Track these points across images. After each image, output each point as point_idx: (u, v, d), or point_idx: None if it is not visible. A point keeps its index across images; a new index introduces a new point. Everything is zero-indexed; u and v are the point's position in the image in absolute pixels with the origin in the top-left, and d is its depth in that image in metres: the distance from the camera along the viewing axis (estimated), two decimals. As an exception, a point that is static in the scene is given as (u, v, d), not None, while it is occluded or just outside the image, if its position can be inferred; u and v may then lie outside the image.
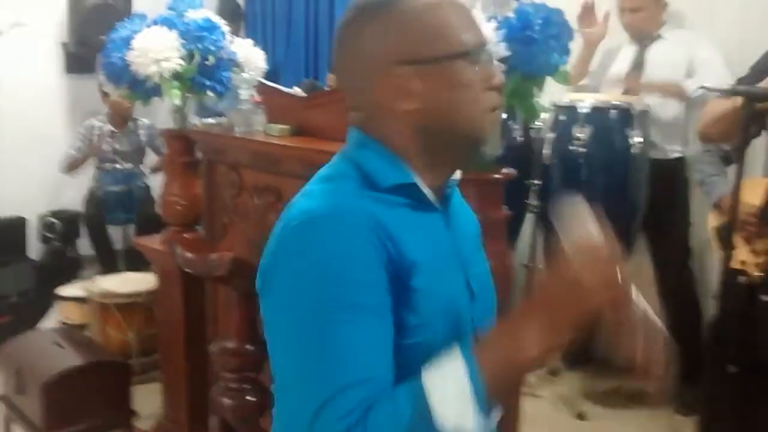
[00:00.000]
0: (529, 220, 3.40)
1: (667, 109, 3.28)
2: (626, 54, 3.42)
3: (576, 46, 1.72)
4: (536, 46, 1.62)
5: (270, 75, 2.87)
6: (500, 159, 1.90)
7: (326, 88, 4.35)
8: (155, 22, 2.45)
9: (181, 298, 2.65)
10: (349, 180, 0.98)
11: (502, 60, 1.61)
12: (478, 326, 1.05)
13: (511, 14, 1.65)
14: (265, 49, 2.83)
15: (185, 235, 2.69)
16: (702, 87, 2.15)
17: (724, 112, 2.34)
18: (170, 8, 2.53)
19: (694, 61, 3.21)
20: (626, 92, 3.34)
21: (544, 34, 1.61)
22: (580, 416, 3.21)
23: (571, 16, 2.38)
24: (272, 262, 0.95)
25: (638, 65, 3.37)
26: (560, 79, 1.73)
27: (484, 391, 0.84)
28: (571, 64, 1.90)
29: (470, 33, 1.00)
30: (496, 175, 1.88)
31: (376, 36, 0.99)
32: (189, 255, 2.24)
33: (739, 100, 2.13)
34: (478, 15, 1.10)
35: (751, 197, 2.49)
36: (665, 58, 3.28)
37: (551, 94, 2.93)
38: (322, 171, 1.03)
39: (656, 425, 3.15)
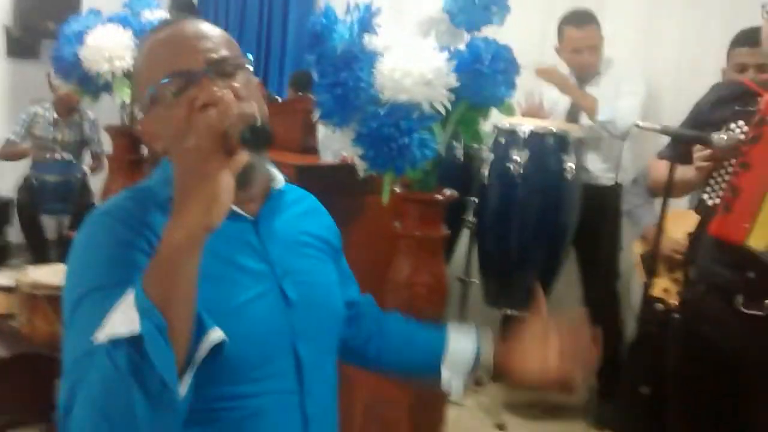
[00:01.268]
0: (465, 236, 3.50)
1: (602, 137, 3.42)
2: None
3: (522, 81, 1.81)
4: (484, 79, 1.70)
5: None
6: (441, 175, 1.97)
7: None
8: (110, 20, 2.45)
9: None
10: (146, 190, 1.07)
11: (452, 90, 1.70)
12: (303, 333, 1.07)
13: (462, 47, 1.74)
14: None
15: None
16: (636, 125, 2.25)
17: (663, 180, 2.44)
18: (126, 6, 2.54)
19: (620, 92, 3.30)
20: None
21: (493, 68, 1.70)
22: (500, 427, 3.30)
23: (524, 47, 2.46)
24: None
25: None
26: (505, 111, 1.82)
27: (143, 295, 0.87)
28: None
29: (172, 65, 1.00)
30: (438, 197, 1.96)
31: None
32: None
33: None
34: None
35: (675, 230, 2.63)
36: (601, 93, 3.37)
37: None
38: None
39: (571, 438, 3.28)
